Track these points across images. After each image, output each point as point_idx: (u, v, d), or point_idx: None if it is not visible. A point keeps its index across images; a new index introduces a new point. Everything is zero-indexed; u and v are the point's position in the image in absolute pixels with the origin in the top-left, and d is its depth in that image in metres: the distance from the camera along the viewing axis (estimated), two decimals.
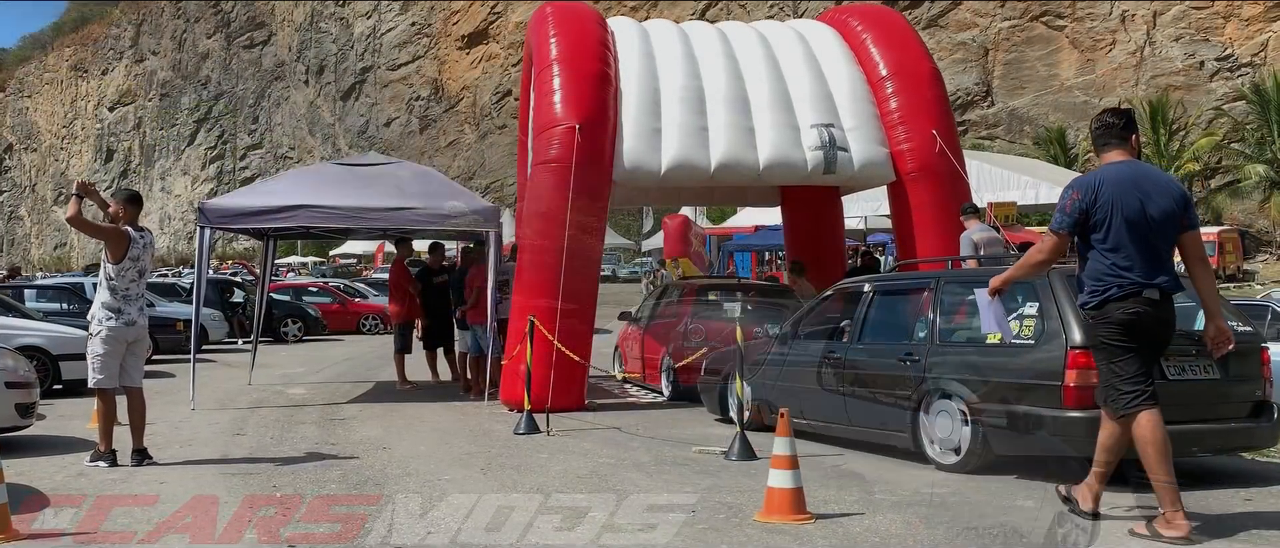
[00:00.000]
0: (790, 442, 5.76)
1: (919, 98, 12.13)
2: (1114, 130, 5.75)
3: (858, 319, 8.52)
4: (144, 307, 8.15)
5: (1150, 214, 5.51)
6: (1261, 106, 38.80)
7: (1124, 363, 5.53)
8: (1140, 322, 5.49)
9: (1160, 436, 5.39)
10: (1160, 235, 5.54)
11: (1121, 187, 5.55)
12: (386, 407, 11.64)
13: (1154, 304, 5.51)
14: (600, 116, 11.36)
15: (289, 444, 9.00)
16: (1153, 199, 5.55)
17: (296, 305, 25.02)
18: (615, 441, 9.04)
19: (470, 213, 11.93)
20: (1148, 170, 5.82)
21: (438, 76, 78.95)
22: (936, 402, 7.56)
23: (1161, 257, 5.57)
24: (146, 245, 8.11)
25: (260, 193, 12.65)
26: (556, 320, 10.51)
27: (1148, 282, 5.49)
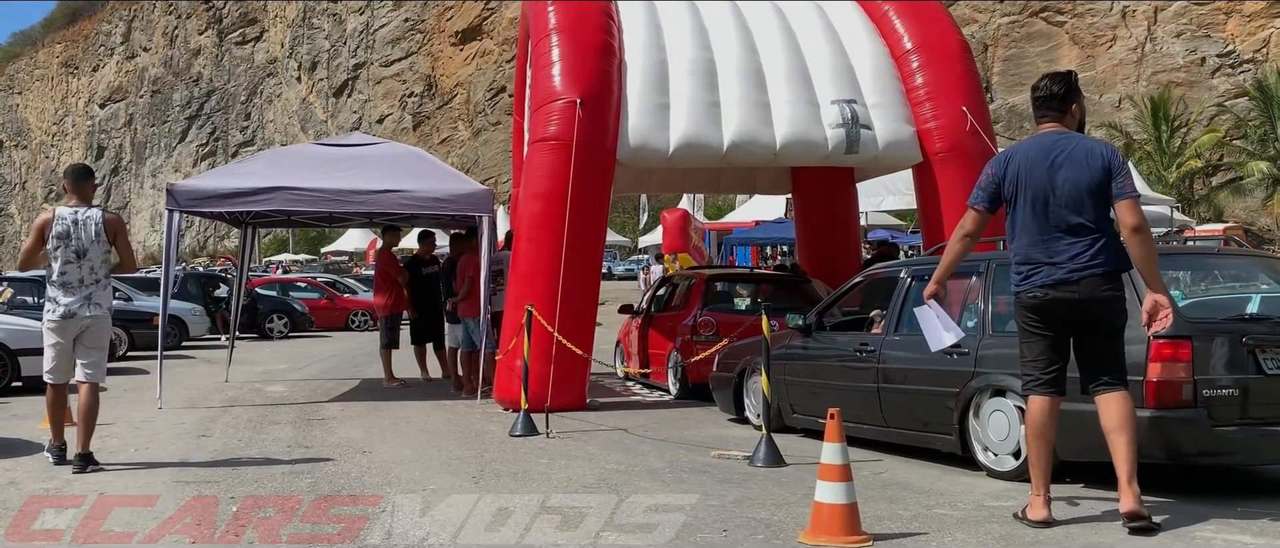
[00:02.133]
0: (843, 449, 4.85)
1: (947, 72, 11.22)
2: (1051, 100, 5.38)
3: (894, 308, 7.61)
4: (94, 296, 7.13)
5: (1057, 188, 5.20)
6: (1264, 103, 38.44)
7: (1027, 345, 5.44)
8: (1045, 306, 5.27)
9: (1038, 421, 5.36)
10: (1074, 210, 5.18)
11: (1031, 160, 5.31)
12: (370, 406, 10.71)
13: (1061, 285, 5.20)
14: (603, 91, 10.44)
15: (258, 447, 8.08)
16: (1062, 171, 5.22)
17: (283, 301, 24.07)
18: (622, 443, 8.12)
19: (463, 196, 11.01)
20: (1067, 141, 5.30)
21: (431, 73, 78.13)
22: (989, 400, 6.65)
23: (1077, 234, 5.19)
24: (79, 223, 7.11)
25: (234, 174, 11.71)
26: (557, 312, 9.58)
27: (1048, 261, 5.22)
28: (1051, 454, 5.40)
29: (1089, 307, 5.22)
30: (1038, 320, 5.36)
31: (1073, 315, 5.28)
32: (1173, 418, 5.72)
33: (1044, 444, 5.36)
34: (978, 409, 6.72)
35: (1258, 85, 39.51)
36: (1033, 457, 5.39)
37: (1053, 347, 5.37)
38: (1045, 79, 5.49)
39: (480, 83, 74.63)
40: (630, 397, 11.64)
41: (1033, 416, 5.41)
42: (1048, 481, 5.34)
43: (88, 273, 7.11)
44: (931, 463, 7.04)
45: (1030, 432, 5.42)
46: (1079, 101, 5.43)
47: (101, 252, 7.13)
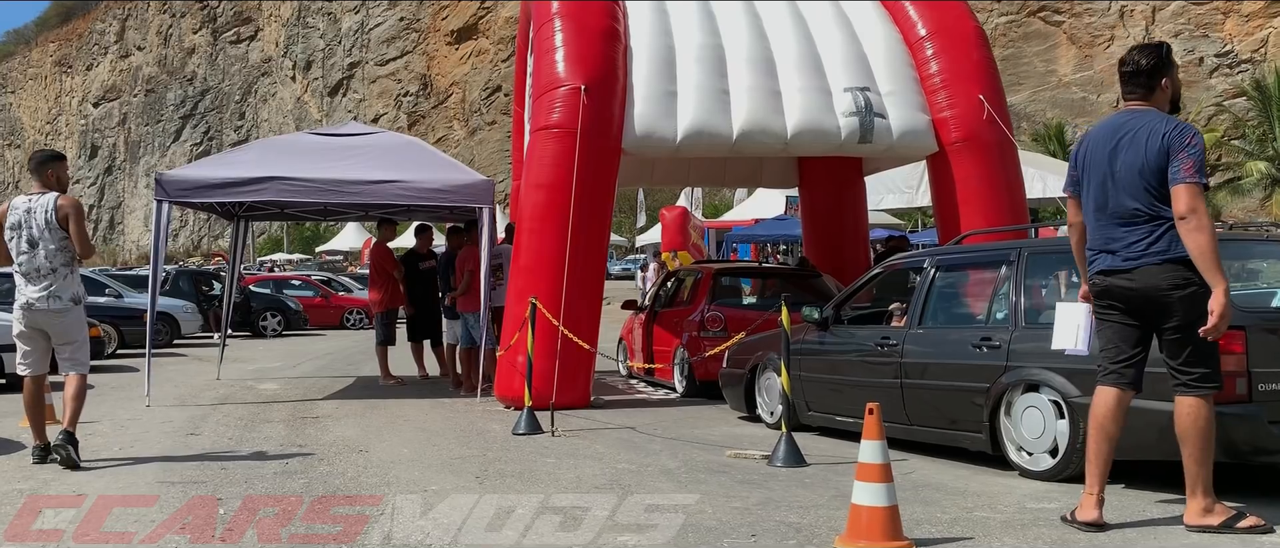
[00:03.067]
0: (882, 447, 4.46)
1: (963, 59, 10.85)
2: (1137, 76, 4.97)
3: (918, 300, 7.24)
4: (54, 287, 6.75)
5: (1116, 172, 4.89)
6: (1263, 103, 38.36)
7: (1098, 333, 5.14)
8: (1104, 293, 4.99)
9: (1100, 413, 5.00)
10: (1130, 195, 4.84)
11: (1097, 141, 5.02)
12: (366, 404, 10.32)
13: (1117, 274, 4.91)
14: (608, 77, 10.06)
15: (248, 446, 7.69)
16: (1123, 154, 4.88)
17: (276, 298, 23.65)
18: (632, 442, 7.73)
19: (463, 187, 10.63)
20: (1137, 120, 4.89)
21: (426, 72, 77.78)
22: (1021, 396, 6.28)
23: (1133, 221, 4.85)
24: (31, 212, 6.76)
25: (225, 163, 11.31)
26: (562, 305, 9.20)
27: (1105, 248, 4.95)
28: (1111, 452, 5.00)
29: (1151, 298, 4.83)
30: (1103, 306, 5.02)
31: (1138, 305, 4.89)
32: (1226, 414, 5.34)
33: (1104, 440, 4.97)
34: (1009, 406, 6.34)
35: (1256, 85, 39.35)
36: (1090, 452, 5.02)
37: (1121, 336, 4.97)
38: (1134, 51, 5.05)
39: (476, 82, 74.29)
40: (635, 394, 11.26)
41: (1095, 407, 5.04)
42: (1104, 480, 4.96)
43: (44, 262, 6.76)
44: (960, 463, 6.67)
45: (1091, 423, 5.05)
46: (1171, 75, 4.98)
47: (56, 240, 6.77)
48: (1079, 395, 5.89)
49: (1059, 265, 6.60)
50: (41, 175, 6.96)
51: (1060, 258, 6.60)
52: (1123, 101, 5.08)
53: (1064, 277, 6.76)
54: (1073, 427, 5.94)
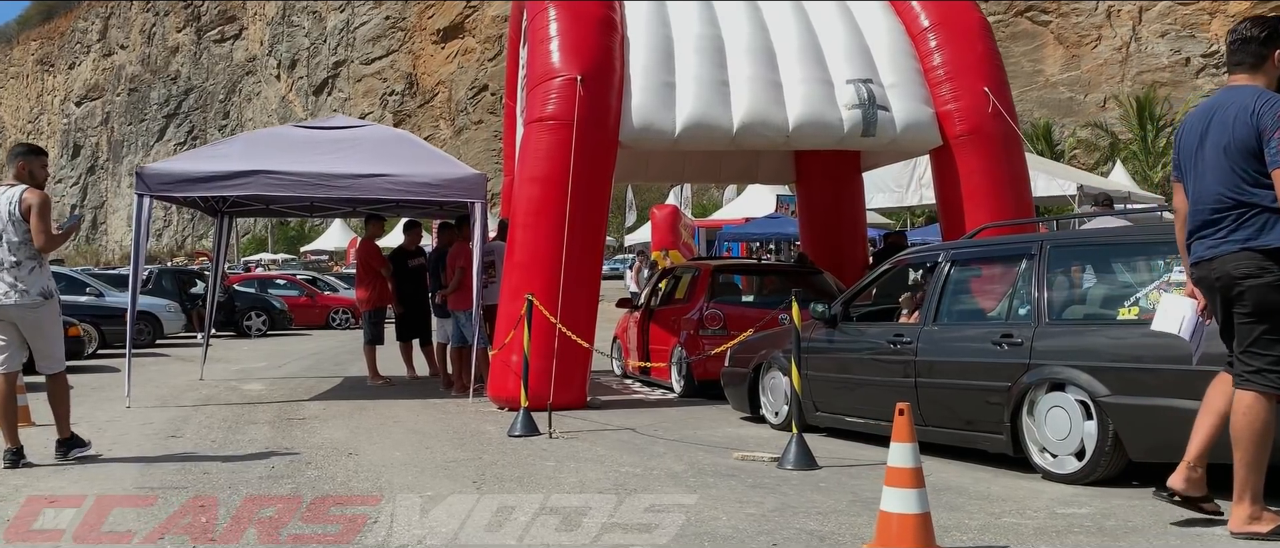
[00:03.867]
0: (913, 450, 4.17)
1: (967, 51, 10.58)
2: (1245, 45, 4.58)
3: (932, 296, 6.95)
4: (19, 281, 6.49)
5: (1205, 154, 4.57)
6: None
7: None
8: (1198, 284, 4.72)
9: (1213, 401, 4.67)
10: (1217, 178, 4.50)
11: (1192, 122, 4.71)
12: (354, 405, 9.99)
13: (1201, 264, 4.64)
14: (605, 67, 9.76)
15: (233, 449, 7.35)
16: (1212, 134, 4.55)
17: (261, 298, 23.25)
18: (634, 444, 7.42)
19: (454, 181, 10.31)
20: (1233, 98, 4.52)
21: (412, 71, 77.39)
22: (1046, 395, 6.00)
23: (1219, 207, 4.52)
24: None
25: (209, 157, 10.94)
26: (558, 302, 8.89)
27: (1196, 235, 4.66)
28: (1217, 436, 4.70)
29: (1222, 287, 4.53)
30: (1206, 296, 4.73)
31: (1216, 295, 4.60)
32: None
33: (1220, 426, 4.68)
34: (1032, 406, 6.06)
35: None
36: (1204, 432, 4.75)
37: (1224, 327, 4.66)
38: (1244, 22, 4.68)
39: (462, 81, 73.94)
40: (631, 395, 10.95)
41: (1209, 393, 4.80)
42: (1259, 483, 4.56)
43: (7, 255, 6.51)
44: (979, 465, 6.39)
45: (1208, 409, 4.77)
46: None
47: (19, 233, 6.52)
48: (1108, 395, 5.62)
49: (1083, 259, 6.33)
50: (14, 166, 6.71)
51: (1084, 251, 6.33)
52: (1227, 76, 4.71)
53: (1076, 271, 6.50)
54: (1101, 428, 5.66)
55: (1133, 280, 5.93)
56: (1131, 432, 5.54)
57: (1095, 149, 41.97)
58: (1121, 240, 6.33)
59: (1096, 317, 5.97)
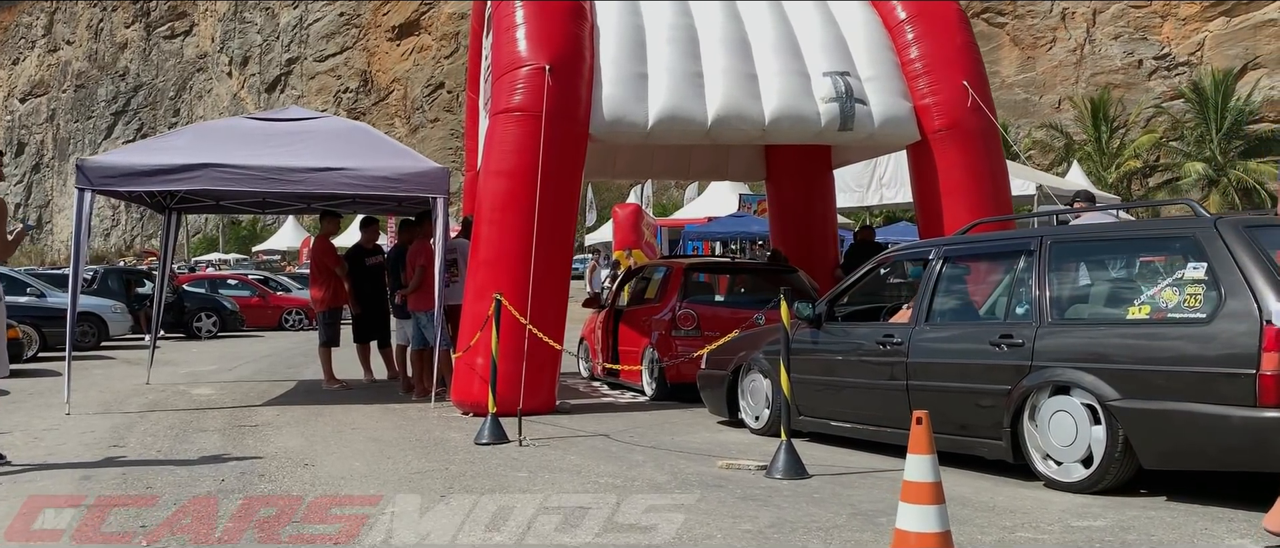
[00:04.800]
0: (932, 463, 3.80)
1: (945, 44, 10.30)
2: None
3: (924, 295, 6.62)
4: None
5: None
6: (1200, 105, 39.06)
7: None
8: None
9: None
10: None
11: None
12: (310, 410, 9.49)
13: None
14: (574, 57, 9.36)
15: (179, 460, 6.85)
16: None
17: (212, 298, 22.54)
18: (610, 452, 7.02)
19: (415, 175, 9.84)
20: None
21: (367, 68, 76.41)
22: (1049, 399, 5.68)
23: None
24: None
25: (156, 149, 10.38)
26: (528, 302, 8.47)
27: None
28: None
29: None
30: None
31: None
32: None
33: None
34: (1034, 410, 5.75)
35: (1193, 88, 39.92)
36: None
37: None
38: None
39: (418, 79, 73.10)
40: (600, 398, 10.54)
41: None
42: None
43: None
44: (977, 472, 6.06)
45: None
46: None
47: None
48: (1118, 399, 5.30)
49: (1087, 255, 6.02)
50: None
51: (1087, 247, 6.02)
52: None
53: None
54: (1111, 433, 5.35)
55: (1142, 278, 5.62)
56: (1144, 438, 5.23)
57: (1051, 150, 42.21)
58: (1128, 236, 6.04)
59: (1104, 316, 5.65)
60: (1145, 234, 5.88)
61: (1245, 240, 5.06)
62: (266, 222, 63.60)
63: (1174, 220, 5.74)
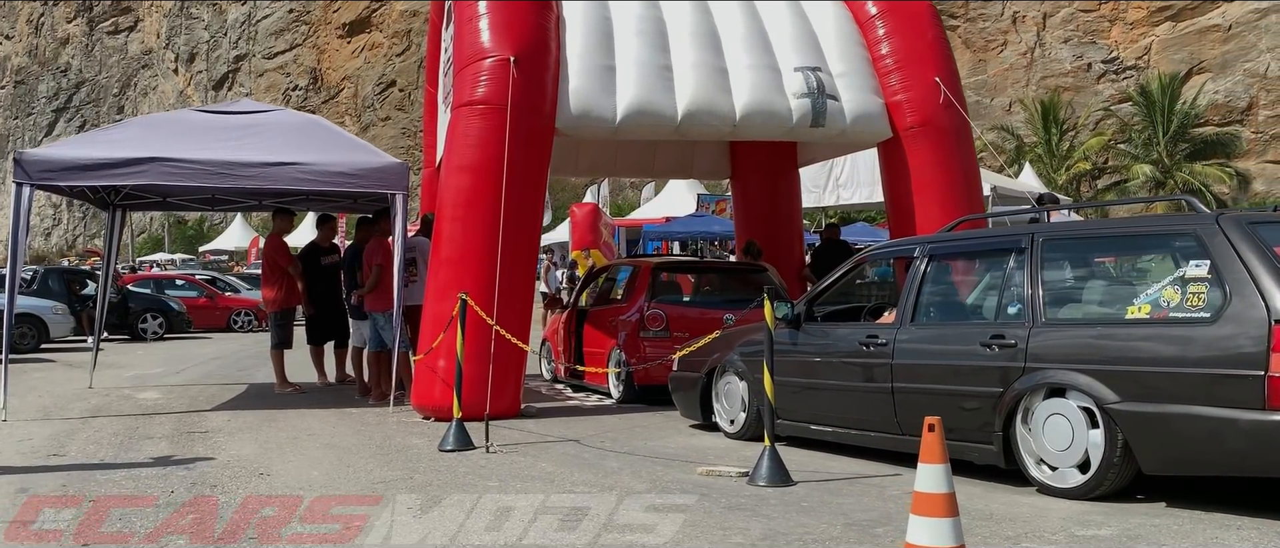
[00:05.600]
0: (945, 472, 3.55)
1: (917, 40, 10.12)
2: None
3: (909, 294, 6.39)
4: None
5: None
6: (1147, 108, 39.69)
7: None
8: None
9: None
10: None
11: None
12: (262, 415, 9.09)
13: None
14: (540, 48, 9.05)
15: (124, 470, 6.45)
16: None
17: (157, 299, 21.89)
18: (582, 458, 6.72)
19: (373, 170, 9.47)
20: None
21: (316, 66, 75.38)
22: (1043, 402, 5.47)
23: None
24: None
25: (100, 142, 9.90)
26: (495, 301, 8.14)
27: None
28: None
29: None
30: None
31: None
32: None
33: None
34: (1027, 413, 5.53)
35: (1141, 91, 40.50)
36: None
37: None
38: None
39: (368, 77, 72.24)
40: (565, 401, 10.23)
41: None
42: None
43: None
44: (966, 478, 5.82)
45: None
46: None
47: None
48: (1117, 402, 5.10)
49: (1079, 252, 5.82)
50: None
51: (1081, 243, 5.83)
52: None
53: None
54: (1109, 438, 5.14)
55: (1140, 276, 5.43)
56: (1145, 442, 5.03)
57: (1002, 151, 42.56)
58: (1124, 233, 5.84)
59: (1100, 316, 5.45)
60: (1142, 231, 5.69)
61: (1249, 237, 4.88)
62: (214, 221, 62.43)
63: (1172, 217, 5.54)
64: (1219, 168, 38.94)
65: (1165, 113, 39.53)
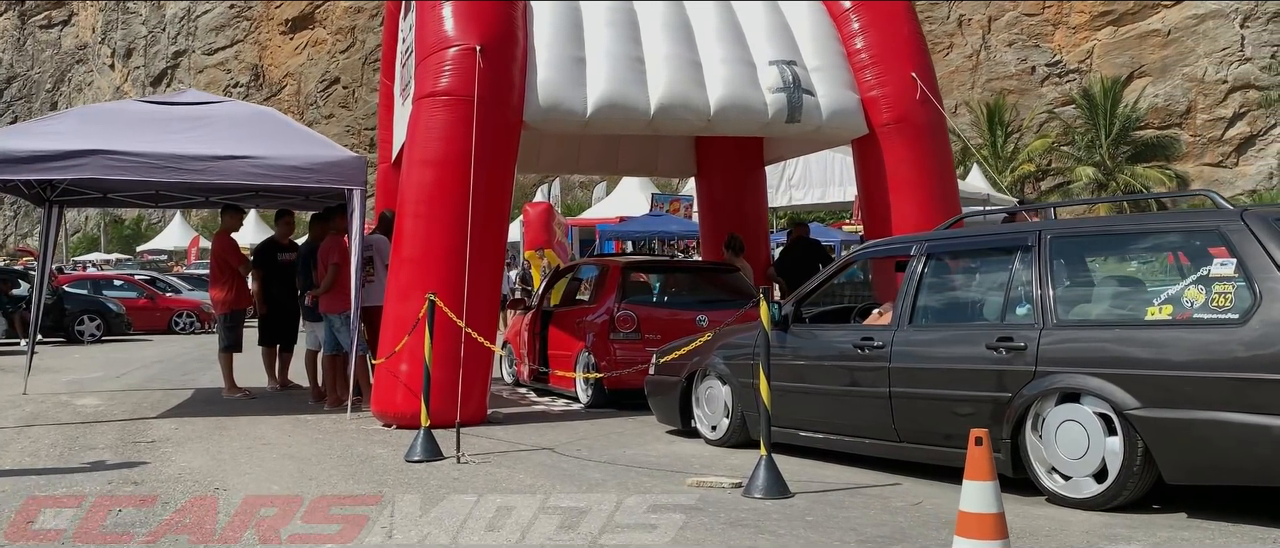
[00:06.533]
0: (994, 490, 3.23)
1: (893, 34, 9.86)
2: None
3: (907, 294, 6.09)
4: None
5: None
6: (1089, 110, 40.25)
7: None
8: None
9: None
10: None
11: None
12: (212, 423, 8.59)
13: None
14: (506, 37, 8.65)
15: (65, 484, 5.96)
16: None
17: (95, 300, 21.10)
18: (560, 469, 6.34)
19: (328, 164, 9.00)
20: None
21: (258, 62, 74.10)
22: (1055, 408, 5.19)
23: None
24: None
25: (36, 133, 9.30)
26: (464, 302, 7.73)
27: None
28: None
29: None
30: None
31: None
32: None
33: None
34: (1038, 420, 5.25)
35: (1084, 94, 41.05)
36: None
37: None
38: None
39: (312, 74, 71.19)
40: (531, 406, 9.83)
41: None
42: None
43: None
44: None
45: None
46: None
47: None
48: (1138, 407, 4.83)
49: (1092, 250, 5.56)
50: None
51: (1093, 242, 5.57)
52: None
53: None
54: (1129, 445, 4.87)
55: (1158, 275, 5.18)
56: (1169, 450, 4.77)
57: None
58: (1139, 230, 5.58)
59: (1117, 317, 5.18)
60: (1159, 227, 5.43)
61: (1278, 234, 4.64)
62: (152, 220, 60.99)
63: (1193, 213, 5.30)
64: (1159, 170, 39.55)
65: (1107, 116, 40.11)
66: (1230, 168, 44.68)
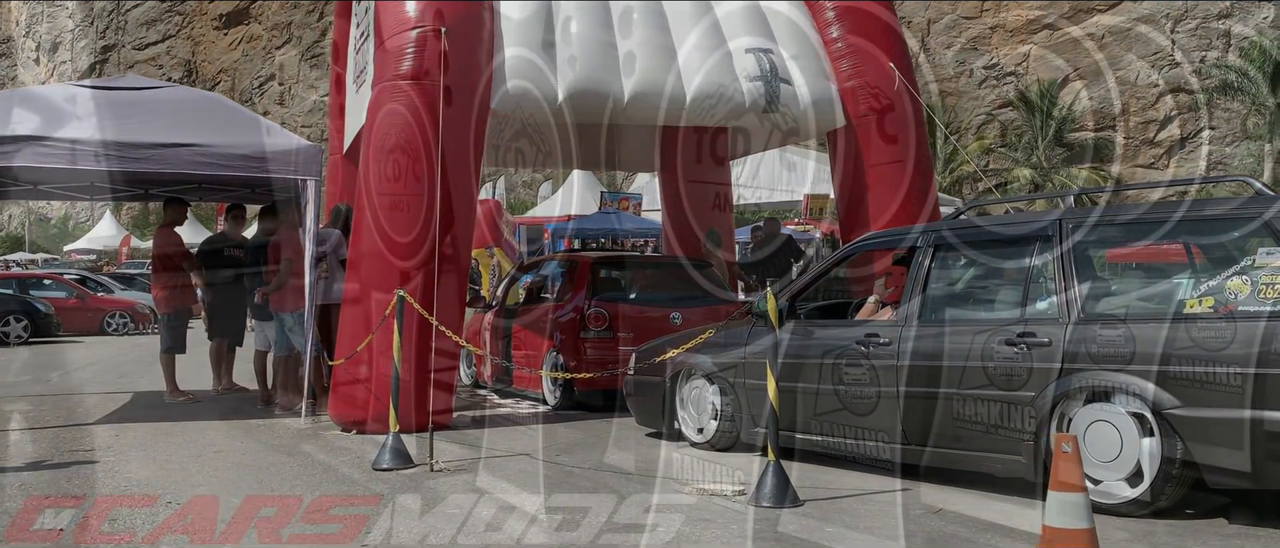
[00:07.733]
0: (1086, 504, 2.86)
1: (869, 23, 9.53)
2: None
3: (914, 288, 5.74)
4: None
5: None
6: (1027, 113, 40.73)
7: None
8: None
9: None
10: None
11: None
12: (156, 429, 7.99)
13: None
14: (473, 19, 8.18)
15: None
16: None
17: (22, 300, 20.13)
18: (545, 477, 5.88)
19: (280, 153, 8.46)
20: None
21: (191, 58, 72.36)
22: (1084, 407, 4.87)
23: None
24: None
25: None
26: (434, 299, 7.25)
27: None
28: None
29: None
30: None
31: None
32: None
33: None
34: (1064, 420, 4.93)
35: (1021, 97, 41.52)
36: None
37: None
38: None
39: (247, 71, 69.74)
40: (496, 409, 9.33)
41: None
42: None
43: None
44: (987, 491, 5.22)
45: None
46: None
47: None
48: (1177, 406, 4.52)
49: (1114, 240, 5.25)
50: None
51: (1121, 231, 5.25)
52: None
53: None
54: (1168, 447, 4.56)
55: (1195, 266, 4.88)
56: (1213, 452, 4.46)
57: None
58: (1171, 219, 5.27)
59: (1151, 311, 4.86)
60: (1193, 216, 5.12)
61: None
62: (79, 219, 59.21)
63: (1233, 200, 5.00)
64: (1094, 171, 40.10)
65: (1044, 118, 40.67)
66: (1162, 169, 45.46)
